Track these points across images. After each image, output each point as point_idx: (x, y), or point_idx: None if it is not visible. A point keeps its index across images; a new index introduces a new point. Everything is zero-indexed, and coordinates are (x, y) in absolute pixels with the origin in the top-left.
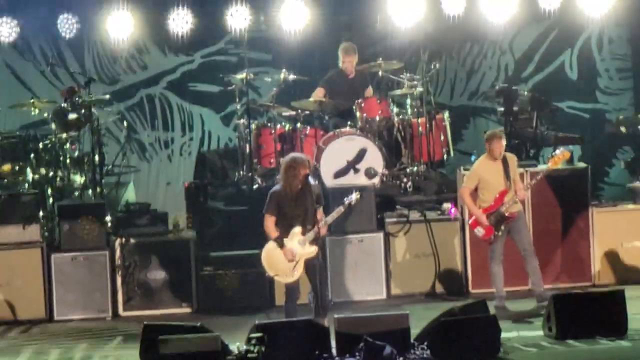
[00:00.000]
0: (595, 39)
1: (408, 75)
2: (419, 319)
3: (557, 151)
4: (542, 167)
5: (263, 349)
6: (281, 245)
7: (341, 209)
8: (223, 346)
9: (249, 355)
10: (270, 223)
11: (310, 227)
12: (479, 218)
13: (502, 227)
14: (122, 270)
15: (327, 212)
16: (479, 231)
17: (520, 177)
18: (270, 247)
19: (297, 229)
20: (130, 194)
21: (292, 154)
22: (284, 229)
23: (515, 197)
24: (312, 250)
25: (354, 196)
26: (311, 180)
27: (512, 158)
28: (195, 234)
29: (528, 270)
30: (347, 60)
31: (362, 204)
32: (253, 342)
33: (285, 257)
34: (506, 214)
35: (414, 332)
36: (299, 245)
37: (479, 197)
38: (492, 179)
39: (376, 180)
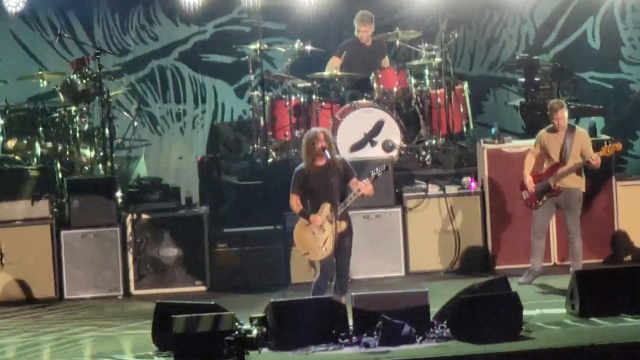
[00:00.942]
0: (618, 6)
1: (426, 45)
2: (439, 297)
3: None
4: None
5: (264, 329)
6: (308, 217)
7: (372, 178)
8: (238, 325)
9: (248, 336)
10: (294, 201)
11: (339, 203)
12: (526, 182)
13: (545, 198)
14: (134, 247)
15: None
16: (524, 194)
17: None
18: (299, 225)
19: (326, 205)
20: (141, 169)
21: (309, 131)
22: (314, 206)
23: (564, 174)
24: (340, 224)
25: (382, 168)
26: (327, 154)
27: (581, 133)
28: (209, 210)
29: (570, 250)
30: (362, 29)
31: (379, 178)
32: (255, 322)
33: (313, 226)
34: (552, 186)
35: (433, 310)
36: (327, 220)
37: (543, 166)
38: (550, 149)
39: (394, 154)
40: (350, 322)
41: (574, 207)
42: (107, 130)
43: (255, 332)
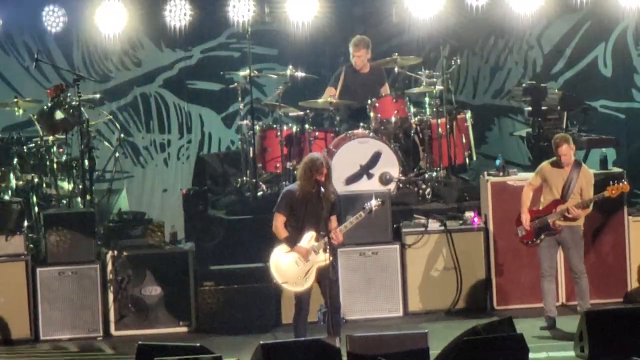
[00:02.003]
0: (631, 31)
1: (427, 71)
2: (439, 339)
3: (618, 182)
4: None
5: None
6: (292, 245)
7: (361, 214)
8: None
9: None
10: (279, 222)
11: (324, 235)
12: (522, 218)
13: (542, 236)
14: (114, 285)
15: (340, 221)
16: (520, 230)
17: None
18: (280, 250)
19: (311, 234)
20: (123, 202)
21: (314, 156)
22: (296, 233)
23: (563, 214)
24: (325, 258)
25: (374, 202)
26: (323, 190)
27: (585, 172)
28: (194, 246)
29: (576, 290)
30: (356, 55)
31: (376, 212)
32: None
33: (299, 254)
34: (550, 223)
35: (434, 352)
36: (312, 251)
37: (541, 200)
38: (552, 183)
39: (392, 187)
40: None
41: (578, 245)
42: (86, 162)
43: None
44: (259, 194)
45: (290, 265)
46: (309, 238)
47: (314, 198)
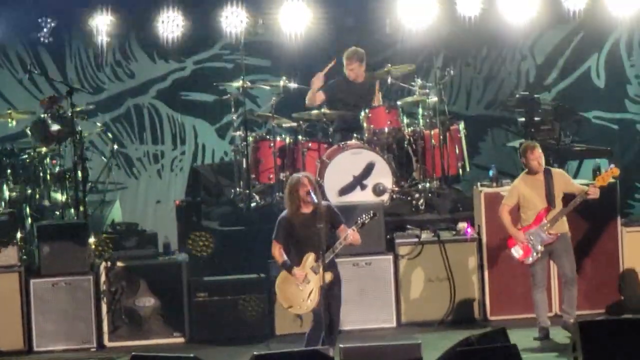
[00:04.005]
0: (624, 42)
1: (420, 82)
2: (432, 349)
3: (604, 168)
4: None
5: None
6: (289, 269)
7: (354, 228)
8: None
9: None
10: (277, 251)
11: (324, 251)
12: (515, 236)
13: (541, 248)
14: (108, 296)
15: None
16: (517, 251)
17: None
18: (282, 277)
19: (310, 255)
20: (116, 213)
21: (291, 177)
22: (298, 256)
23: (556, 220)
24: (327, 276)
25: (370, 215)
26: (313, 197)
27: (558, 174)
28: (188, 257)
29: (564, 297)
30: (349, 68)
31: (369, 223)
32: None
33: (296, 279)
34: (546, 234)
35: None
36: (312, 271)
37: (520, 217)
38: (532, 196)
39: (385, 198)
40: None
41: (570, 252)
42: (79, 173)
43: None
44: (253, 205)
45: (292, 289)
46: (308, 260)
47: (308, 219)
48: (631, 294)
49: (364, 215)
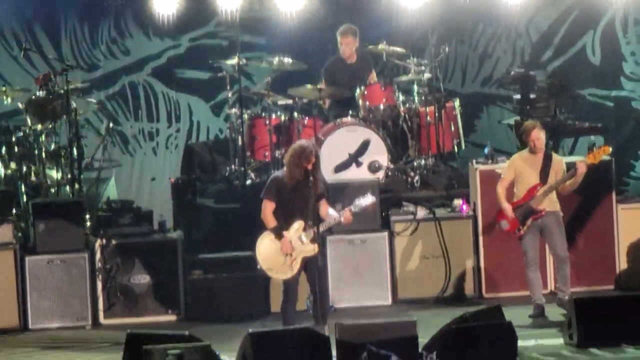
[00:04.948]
0: (619, 19)
1: (415, 59)
2: (428, 327)
3: (595, 146)
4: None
5: None
6: (279, 235)
7: (357, 207)
8: (214, 357)
9: None
10: (268, 210)
11: (312, 224)
12: (503, 208)
13: (529, 222)
14: (103, 274)
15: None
16: (504, 224)
17: None
18: (266, 237)
19: (299, 223)
20: (111, 191)
21: (300, 142)
22: (284, 221)
23: (547, 194)
24: (313, 248)
25: (369, 198)
26: (310, 178)
27: (559, 161)
28: (183, 234)
29: (557, 276)
30: (344, 42)
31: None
32: (169, 359)
33: (282, 249)
34: (534, 207)
35: (422, 340)
36: (299, 241)
37: (514, 192)
38: (527, 172)
39: (380, 175)
40: (334, 353)
41: (561, 230)
42: (75, 150)
43: None
44: (248, 182)
45: (275, 253)
46: (296, 227)
47: (302, 186)
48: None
49: (363, 200)
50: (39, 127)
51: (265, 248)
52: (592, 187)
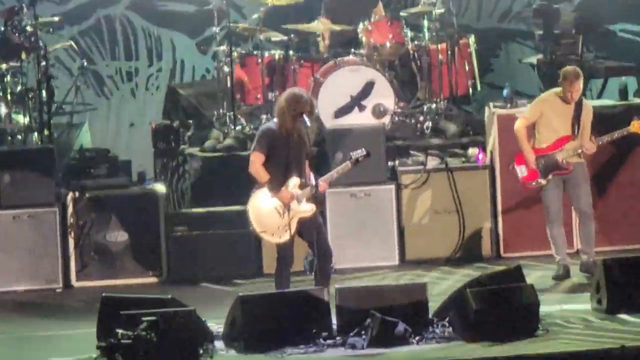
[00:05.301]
0: None
1: None
2: (439, 290)
3: None
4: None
5: (154, 337)
6: (275, 189)
7: (348, 164)
8: (200, 323)
9: (123, 342)
10: (258, 163)
11: (304, 182)
12: (526, 155)
13: (550, 177)
14: (76, 231)
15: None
16: (521, 170)
17: None
18: (260, 195)
19: (295, 180)
20: (85, 138)
21: (294, 90)
22: (277, 178)
23: (578, 149)
24: (309, 208)
25: (359, 152)
26: (308, 121)
27: (588, 109)
28: (165, 187)
29: (580, 234)
30: None
31: (369, 149)
32: (143, 326)
33: (282, 200)
34: (560, 162)
35: (433, 305)
36: (295, 199)
37: (534, 136)
38: (557, 118)
39: (386, 120)
40: (334, 319)
41: (586, 182)
42: (44, 92)
43: (137, 339)
44: (238, 128)
45: (270, 213)
46: (293, 184)
47: (296, 139)
48: None
49: (357, 151)
50: (4, 66)
51: (259, 208)
52: (628, 135)
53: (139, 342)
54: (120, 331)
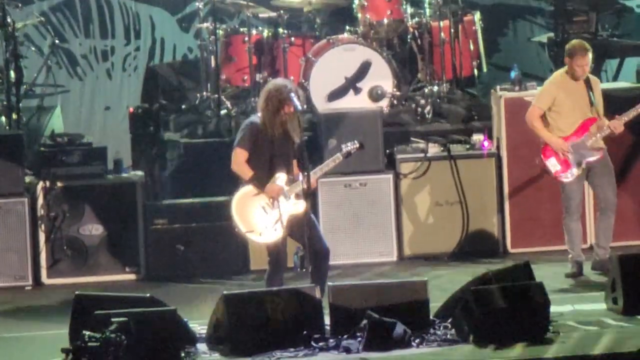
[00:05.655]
0: None
1: None
2: (442, 288)
3: None
4: None
5: (124, 340)
6: (260, 184)
7: (339, 156)
8: (181, 324)
9: (90, 344)
10: (240, 159)
11: (292, 178)
12: (556, 145)
13: (584, 165)
14: (47, 223)
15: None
16: (552, 164)
17: None
18: (244, 194)
19: (282, 176)
20: (56, 122)
21: (275, 81)
22: (265, 174)
23: (603, 130)
24: (299, 206)
25: (350, 145)
26: (298, 104)
27: (596, 82)
28: (144, 176)
29: (599, 227)
30: None
31: (365, 135)
32: (113, 327)
33: (270, 195)
34: (591, 147)
35: (435, 305)
36: (282, 195)
37: (549, 124)
38: (571, 101)
39: (384, 104)
40: (327, 320)
41: (611, 171)
42: (12, 73)
43: (105, 341)
44: (223, 112)
45: (256, 212)
46: (279, 180)
47: (281, 134)
48: None
49: (349, 144)
50: None
51: (243, 206)
52: None
53: (107, 345)
54: (87, 333)
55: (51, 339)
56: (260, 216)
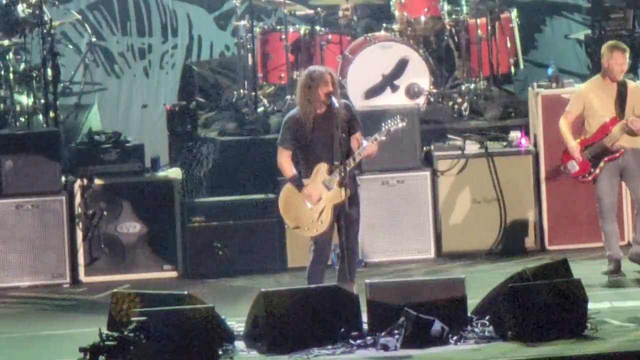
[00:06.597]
0: None
1: None
2: (479, 286)
3: None
4: None
5: (143, 339)
6: (299, 186)
7: (390, 128)
8: (219, 322)
9: (107, 343)
10: (284, 159)
11: (339, 163)
12: (570, 148)
13: (602, 164)
14: (84, 221)
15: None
16: (572, 166)
17: None
18: (288, 190)
19: (322, 166)
20: (94, 120)
21: (310, 68)
22: (307, 166)
23: (625, 130)
24: (342, 193)
25: (398, 123)
26: (335, 101)
27: (634, 87)
28: (181, 174)
29: (637, 226)
30: None
31: (402, 132)
32: (132, 326)
33: (308, 200)
34: (608, 146)
35: (472, 302)
36: (324, 186)
37: (584, 128)
38: (599, 104)
39: (421, 101)
40: (364, 317)
41: None
42: (49, 71)
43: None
44: (259, 110)
45: (300, 206)
46: (319, 172)
47: (322, 120)
48: None
49: (389, 121)
50: (6, 43)
51: (289, 202)
52: None
53: (124, 344)
54: (105, 332)
55: (89, 337)
56: (305, 211)
